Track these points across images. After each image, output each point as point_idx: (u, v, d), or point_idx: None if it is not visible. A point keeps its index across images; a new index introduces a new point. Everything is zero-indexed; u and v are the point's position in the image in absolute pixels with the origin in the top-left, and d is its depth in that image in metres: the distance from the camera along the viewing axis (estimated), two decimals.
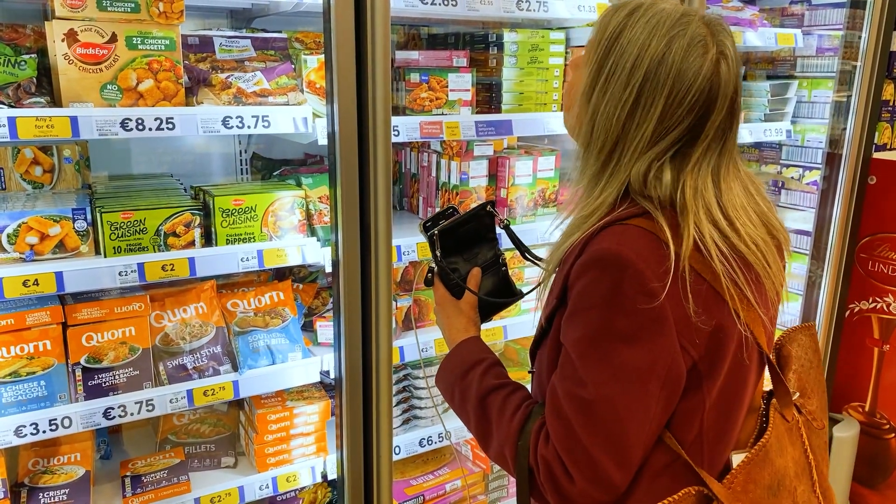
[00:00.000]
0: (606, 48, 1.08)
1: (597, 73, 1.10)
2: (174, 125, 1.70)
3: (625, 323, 0.99)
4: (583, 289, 1.02)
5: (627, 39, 1.06)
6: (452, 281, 1.32)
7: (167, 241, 1.82)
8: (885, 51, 2.66)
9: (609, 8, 1.14)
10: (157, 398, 1.83)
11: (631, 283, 0.99)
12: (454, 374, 1.24)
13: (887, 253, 2.83)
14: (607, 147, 1.09)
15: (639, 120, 1.06)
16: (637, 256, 1.00)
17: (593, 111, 1.10)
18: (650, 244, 1.02)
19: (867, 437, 2.98)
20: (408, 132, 2.02)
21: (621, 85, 1.06)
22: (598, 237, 1.04)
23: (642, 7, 1.09)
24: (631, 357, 1.00)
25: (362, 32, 1.63)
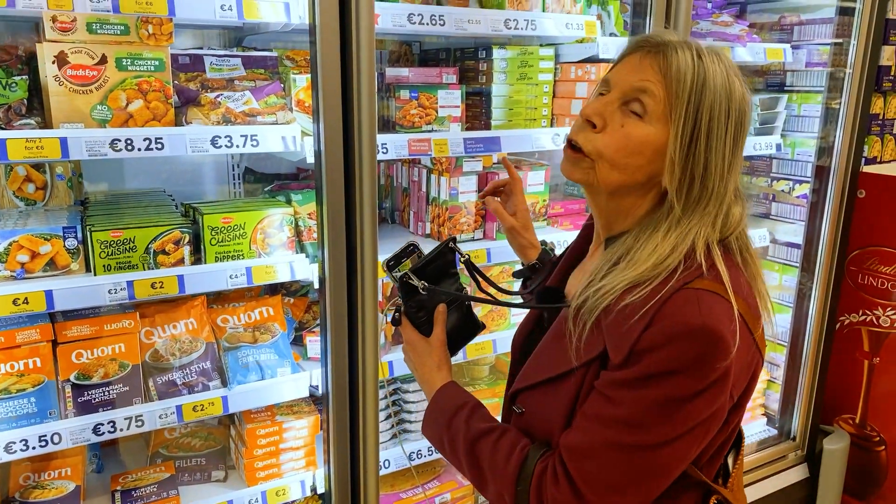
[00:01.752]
0: (698, 99, 1.06)
1: (693, 127, 1.06)
2: (163, 145, 1.73)
3: (699, 384, 1.01)
4: (665, 358, 1.01)
5: (712, 88, 1.06)
6: (421, 319, 1.32)
7: (157, 258, 1.84)
8: (872, 64, 2.68)
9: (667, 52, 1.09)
10: (147, 414, 1.85)
11: (718, 353, 1.01)
12: (439, 424, 1.24)
13: (877, 266, 2.84)
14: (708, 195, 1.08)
15: (735, 164, 1.09)
16: (723, 327, 1.01)
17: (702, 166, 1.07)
18: (725, 310, 1.03)
19: (857, 450, 2.99)
20: (396, 149, 2.04)
21: (723, 136, 1.07)
22: (675, 305, 1.02)
23: (702, 49, 1.09)
24: (696, 411, 1.03)
25: (348, 51, 1.66)
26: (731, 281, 1.06)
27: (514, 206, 1.60)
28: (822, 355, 2.94)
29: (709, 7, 2.84)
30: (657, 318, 1.01)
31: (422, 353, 1.32)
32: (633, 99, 1.09)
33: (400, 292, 1.31)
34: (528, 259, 1.60)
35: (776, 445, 2.98)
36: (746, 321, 1.05)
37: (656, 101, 1.07)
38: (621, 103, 1.11)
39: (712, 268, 1.07)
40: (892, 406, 2.89)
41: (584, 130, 1.13)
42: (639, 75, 1.09)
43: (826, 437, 2.98)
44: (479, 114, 2.38)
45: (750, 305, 1.08)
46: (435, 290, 1.29)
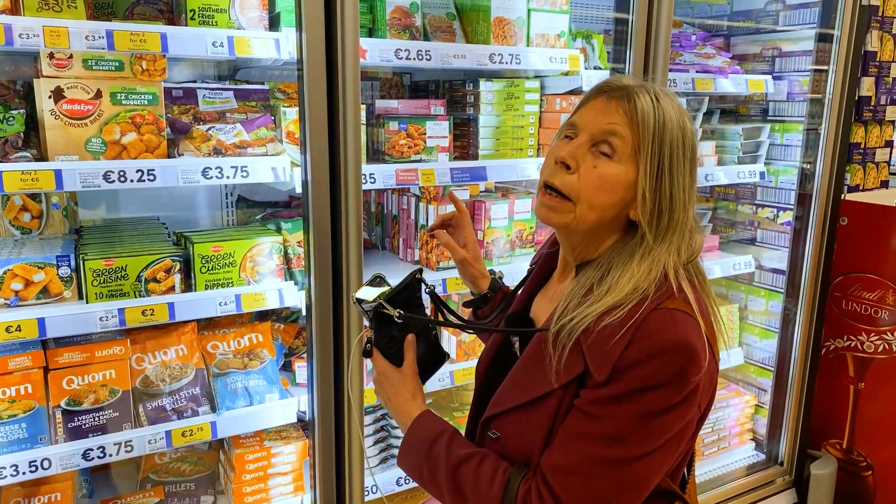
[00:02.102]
0: (660, 138, 1.15)
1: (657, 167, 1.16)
2: (155, 176, 1.78)
3: (678, 397, 1.09)
4: (647, 373, 1.07)
5: (670, 126, 1.16)
6: (392, 350, 1.34)
7: (148, 286, 1.88)
8: (851, 93, 2.75)
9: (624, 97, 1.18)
10: (136, 439, 1.88)
11: (694, 367, 1.09)
12: (419, 453, 1.26)
13: (860, 292, 2.89)
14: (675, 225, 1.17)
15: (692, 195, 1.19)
16: (697, 343, 1.10)
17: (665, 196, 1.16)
18: (695, 327, 1.12)
19: (845, 474, 3.01)
20: (384, 179, 2.10)
21: (681, 166, 1.17)
22: (653, 324, 1.10)
23: (658, 92, 1.19)
24: (672, 423, 1.10)
25: (334, 85, 1.71)
26: (695, 301, 1.15)
27: (464, 239, 1.63)
28: (807, 380, 2.97)
29: (693, 39, 2.92)
30: (637, 337, 1.08)
31: (395, 383, 1.33)
32: (602, 141, 1.18)
33: (372, 323, 1.33)
34: (479, 289, 1.65)
35: (764, 470, 3.00)
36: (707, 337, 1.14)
37: (625, 142, 1.16)
38: (591, 145, 1.19)
39: (680, 290, 1.15)
40: (879, 431, 2.91)
41: (560, 173, 1.20)
42: (606, 119, 1.18)
43: (813, 462, 3.01)
44: (467, 143, 2.44)
45: (707, 323, 1.16)
46: (412, 317, 1.32)
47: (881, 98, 3.05)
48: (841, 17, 2.67)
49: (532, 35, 2.34)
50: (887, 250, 2.80)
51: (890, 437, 2.87)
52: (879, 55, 2.99)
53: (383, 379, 1.35)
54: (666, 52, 2.29)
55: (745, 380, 3.22)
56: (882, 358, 2.85)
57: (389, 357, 1.35)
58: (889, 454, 2.89)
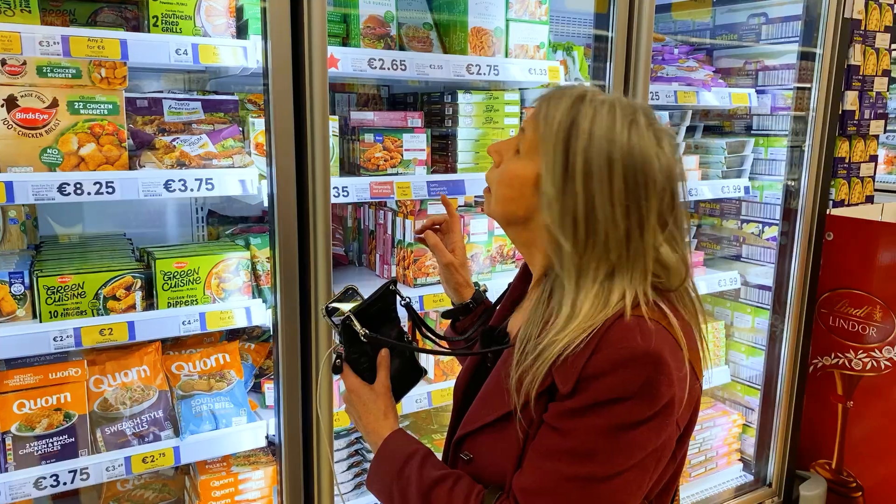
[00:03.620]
0: (565, 141, 1.08)
1: (561, 167, 1.08)
2: (114, 189, 1.70)
3: (647, 410, 1.02)
4: (612, 384, 1.02)
5: (588, 132, 1.07)
6: (363, 366, 1.27)
7: (107, 304, 1.79)
8: (835, 110, 2.72)
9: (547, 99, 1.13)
10: (93, 466, 1.78)
11: (662, 377, 1.02)
12: (389, 474, 1.20)
13: (847, 308, 2.84)
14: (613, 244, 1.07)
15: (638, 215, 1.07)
16: (665, 353, 1.03)
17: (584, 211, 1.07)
18: (666, 338, 1.06)
19: (835, 496, 2.94)
20: (357, 192, 2.03)
21: (605, 181, 1.06)
22: (618, 332, 1.04)
23: (587, 95, 1.10)
24: (645, 439, 1.03)
25: (302, 95, 1.65)
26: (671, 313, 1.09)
27: (453, 244, 1.58)
28: (795, 399, 2.90)
29: (675, 53, 2.88)
30: (601, 345, 1.03)
31: (367, 401, 1.27)
32: (518, 139, 1.19)
33: (341, 338, 1.26)
34: (461, 298, 1.59)
35: (753, 492, 2.92)
36: (685, 351, 1.07)
37: (526, 139, 1.15)
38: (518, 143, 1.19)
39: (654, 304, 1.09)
40: (868, 451, 2.85)
41: (490, 167, 1.24)
42: (528, 120, 1.18)
43: (803, 483, 2.93)
44: (446, 157, 2.38)
45: (688, 336, 1.10)
46: (377, 338, 1.25)
47: (865, 112, 3.01)
48: (823, 30, 2.64)
49: (511, 46, 2.29)
50: (874, 265, 2.75)
51: (880, 457, 2.81)
52: (863, 69, 2.96)
53: (354, 397, 1.29)
54: (647, 65, 2.24)
55: (731, 398, 3.16)
56: (870, 375, 2.79)
57: (361, 373, 1.29)
58: (879, 474, 2.82)
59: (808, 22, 2.73)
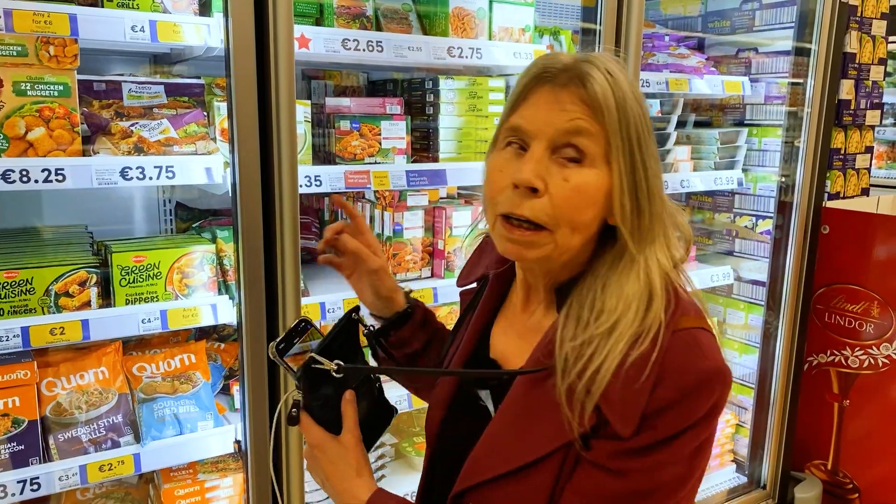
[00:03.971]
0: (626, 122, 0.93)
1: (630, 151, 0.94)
2: (65, 177, 1.57)
3: (708, 431, 0.93)
4: (681, 415, 0.89)
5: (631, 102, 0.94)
6: (329, 416, 1.05)
7: (59, 301, 1.66)
8: (831, 99, 2.62)
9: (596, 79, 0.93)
10: (44, 476, 1.65)
11: (727, 390, 0.93)
12: None
13: (843, 304, 2.74)
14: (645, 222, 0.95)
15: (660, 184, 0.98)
16: (724, 362, 0.94)
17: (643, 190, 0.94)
18: (715, 343, 0.95)
19: (830, 497, 2.85)
20: (331, 182, 1.91)
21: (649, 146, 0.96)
22: (678, 354, 0.90)
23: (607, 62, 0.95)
24: (701, 461, 0.94)
25: (266, 77, 1.53)
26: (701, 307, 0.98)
27: (372, 245, 1.27)
28: (790, 398, 2.81)
29: (666, 40, 2.78)
30: (665, 373, 0.89)
31: (334, 457, 1.05)
32: (566, 144, 0.93)
33: (299, 384, 1.05)
34: (396, 306, 1.29)
35: (747, 494, 2.83)
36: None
37: (593, 139, 0.93)
38: (552, 153, 0.94)
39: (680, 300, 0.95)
40: (865, 451, 2.76)
41: (526, 200, 0.94)
42: (564, 115, 0.93)
43: (798, 485, 2.84)
44: (428, 146, 2.26)
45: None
46: (355, 368, 1.04)
47: (861, 102, 2.93)
48: (820, 17, 2.54)
49: (494, 28, 2.17)
50: (871, 260, 2.66)
51: (877, 457, 2.72)
52: (859, 57, 2.87)
53: (318, 453, 1.06)
54: (637, 49, 2.13)
55: None
56: (867, 373, 2.70)
57: (325, 423, 1.06)
58: (876, 475, 2.73)
59: (803, 8, 2.63)
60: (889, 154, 5.87)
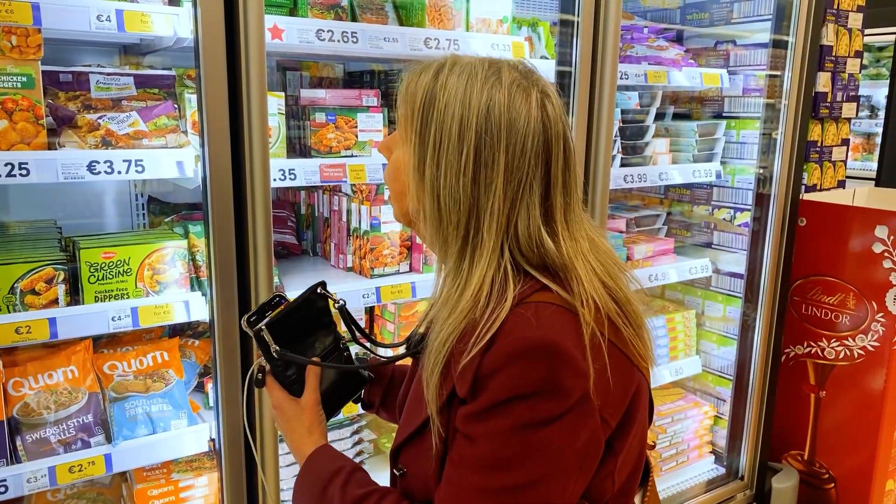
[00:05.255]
0: (423, 117, 0.99)
1: (421, 145, 1.00)
2: (28, 171, 1.52)
3: (556, 407, 0.92)
4: (509, 380, 0.92)
5: (444, 102, 0.98)
6: (290, 378, 1.16)
7: (24, 299, 1.62)
8: (808, 91, 2.63)
9: (409, 75, 1.05)
10: (12, 478, 1.61)
11: (565, 369, 0.92)
12: (313, 494, 1.10)
13: (820, 296, 2.76)
14: (462, 220, 0.98)
15: (485, 182, 0.97)
16: (565, 339, 0.93)
17: (432, 187, 0.99)
18: (569, 322, 0.95)
19: (807, 487, 2.88)
20: (306, 175, 1.87)
21: (454, 151, 0.97)
22: (510, 323, 0.94)
23: (446, 65, 1.02)
24: (560, 439, 0.93)
25: (237, 67, 1.49)
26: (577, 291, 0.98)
27: None
28: (768, 389, 2.83)
29: (644, 32, 2.77)
30: (496, 339, 0.93)
31: (290, 417, 1.17)
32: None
33: (260, 350, 1.14)
34: None
35: (724, 486, 2.85)
36: (605, 333, 0.97)
37: (399, 123, 1.06)
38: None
39: (540, 286, 0.99)
40: (841, 441, 2.79)
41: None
42: None
43: (775, 476, 2.87)
44: None
45: (609, 314, 0.99)
46: (287, 355, 1.12)
47: (837, 95, 2.94)
48: (797, 9, 2.54)
49: (472, 20, 2.14)
50: (847, 252, 2.68)
51: (852, 448, 2.75)
52: (835, 50, 2.88)
53: (278, 413, 1.19)
54: (615, 41, 2.11)
55: (703, 389, 3.07)
56: (843, 365, 2.72)
57: (289, 386, 1.17)
58: (852, 465, 2.76)
59: (780, 0, 2.63)
60: (864, 146, 5.93)
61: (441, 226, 1.00)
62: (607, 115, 2.13)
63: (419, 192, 1.02)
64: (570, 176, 1.03)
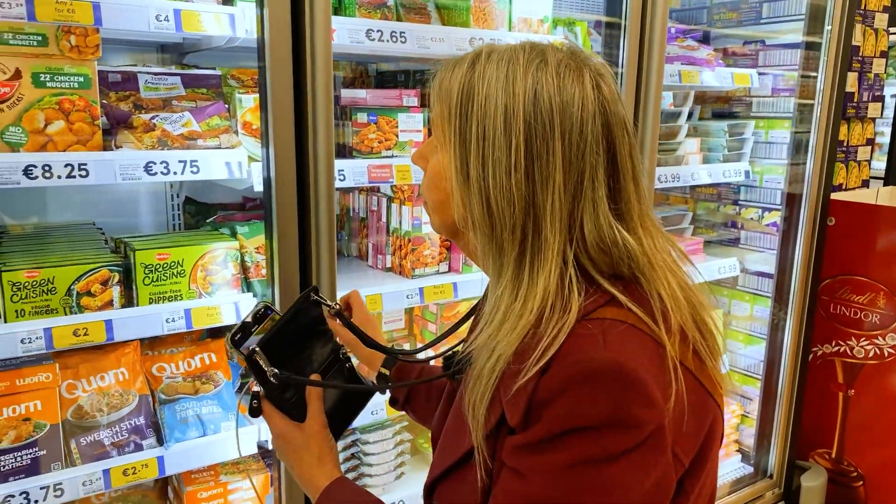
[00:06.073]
0: (462, 113, 0.89)
1: (462, 145, 0.89)
2: (88, 172, 1.51)
3: (624, 442, 0.80)
4: (568, 409, 0.80)
5: (484, 94, 0.87)
6: (290, 402, 1.04)
7: (81, 301, 1.61)
8: (840, 91, 2.64)
9: (442, 71, 0.95)
10: (68, 481, 1.60)
11: (635, 397, 0.80)
12: None
13: (849, 295, 2.78)
14: (519, 222, 0.87)
15: (541, 177, 0.86)
16: (636, 362, 0.81)
17: (480, 189, 0.88)
18: (642, 342, 0.84)
19: (835, 486, 2.89)
20: (355, 176, 1.87)
21: (502, 146, 0.86)
22: (573, 341, 0.82)
23: (482, 54, 0.91)
24: (625, 479, 0.81)
25: (301, 69, 1.48)
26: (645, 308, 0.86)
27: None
28: (797, 388, 2.84)
29: (672, 32, 2.77)
30: (554, 360, 0.81)
31: (297, 446, 1.05)
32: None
33: (252, 374, 1.03)
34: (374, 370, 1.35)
35: (753, 485, 2.86)
36: (689, 359, 0.86)
37: (436, 125, 0.95)
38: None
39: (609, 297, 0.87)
40: (869, 440, 2.80)
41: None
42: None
43: (803, 474, 2.88)
44: None
45: (685, 339, 0.88)
46: (290, 377, 1.01)
47: (864, 94, 2.95)
48: (831, 9, 2.55)
49: (514, 19, 2.14)
50: (876, 251, 2.69)
51: (881, 446, 2.76)
52: (862, 50, 2.90)
53: (282, 443, 1.06)
54: (662, 44, 2.10)
55: (729, 388, 3.07)
56: (873, 363, 2.74)
57: (289, 411, 1.05)
58: (880, 463, 2.78)
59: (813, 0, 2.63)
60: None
61: (494, 232, 0.88)
62: (653, 116, 2.13)
63: (465, 198, 0.90)
64: (636, 164, 0.91)
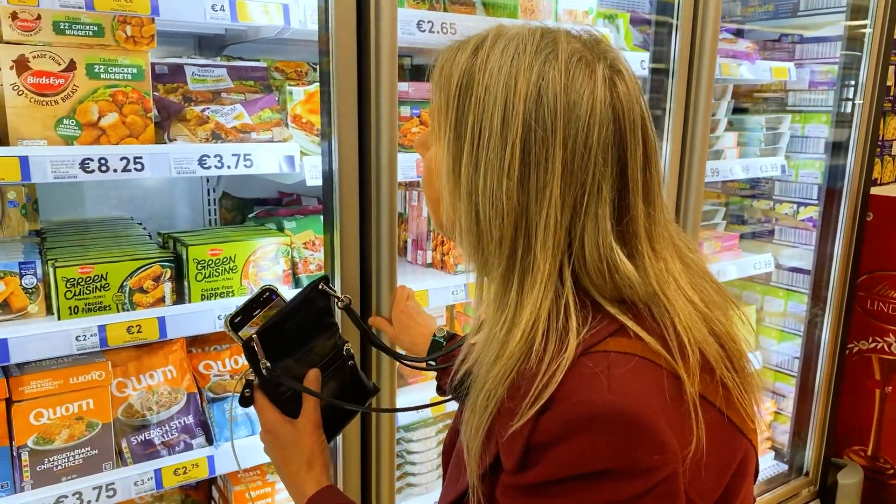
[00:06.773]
0: (459, 104, 0.78)
1: (456, 140, 0.79)
2: (143, 166, 1.47)
3: (630, 489, 0.71)
4: (570, 456, 0.71)
5: (484, 85, 0.77)
6: (284, 395, 0.98)
7: (133, 298, 1.57)
8: (882, 85, 2.61)
9: (444, 54, 0.84)
10: (120, 481, 1.57)
11: (644, 443, 0.70)
12: None
13: (887, 291, 2.75)
14: (507, 236, 0.76)
15: (536, 187, 0.75)
16: (646, 407, 0.71)
17: (469, 193, 0.78)
18: (655, 379, 0.74)
19: (871, 483, 2.87)
20: (403, 171, 1.81)
21: (496, 147, 0.76)
22: (573, 380, 0.72)
23: (488, 38, 0.80)
24: None
25: (365, 61, 1.44)
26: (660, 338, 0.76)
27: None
28: (833, 384, 2.81)
29: None
30: (555, 398, 0.72)
31: (286, 443, 0.97)
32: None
33: (248, 361, 0.98)
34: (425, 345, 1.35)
35: (788, 483, 2.83)
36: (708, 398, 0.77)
37: (432, 114, 0.86)
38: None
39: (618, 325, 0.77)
40: None
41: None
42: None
43: (839, 472, 2.85)
44: None
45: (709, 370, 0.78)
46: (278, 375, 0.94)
47: None
48: (875, 1, 2.51)
49: (560, 10, 2.11)
50: None
51: None
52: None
53: (270, 437, 0.99)
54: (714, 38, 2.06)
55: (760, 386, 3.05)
56: None
57: (282, 404, 0.99)
58: None
59: None
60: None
61: (480, 243, 0.78)
62: (703, 113, 2.09)
63: (454, 199, 0.81)
64: (652, 176, 0.80)
